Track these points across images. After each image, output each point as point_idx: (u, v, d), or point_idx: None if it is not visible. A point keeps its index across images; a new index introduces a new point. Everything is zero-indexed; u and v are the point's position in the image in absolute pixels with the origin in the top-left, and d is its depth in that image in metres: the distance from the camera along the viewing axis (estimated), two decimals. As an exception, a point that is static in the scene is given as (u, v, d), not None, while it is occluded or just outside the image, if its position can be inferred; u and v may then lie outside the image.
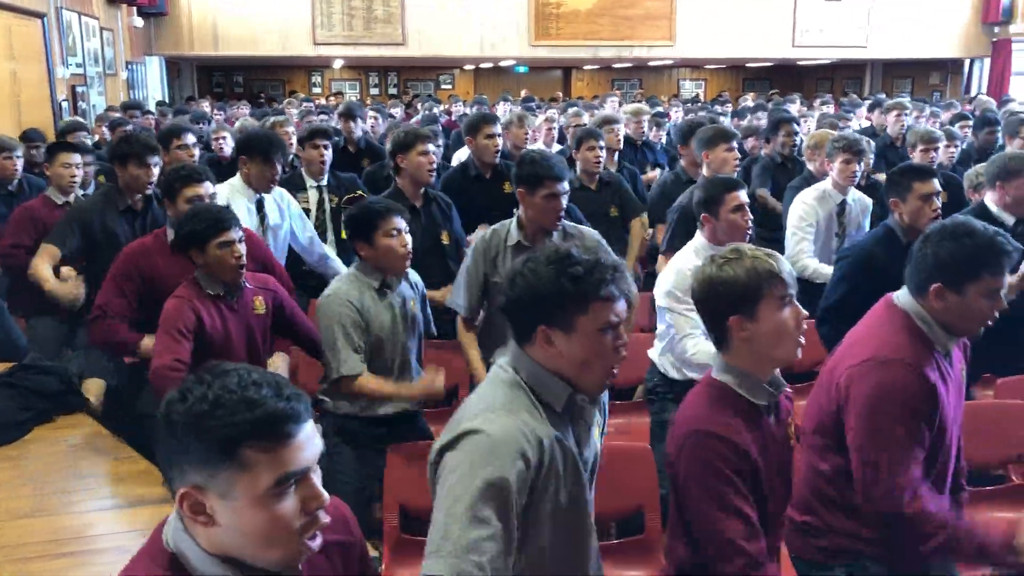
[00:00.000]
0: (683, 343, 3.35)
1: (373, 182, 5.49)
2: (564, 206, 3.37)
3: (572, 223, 3.60)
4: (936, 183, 3.67)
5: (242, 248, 3.07)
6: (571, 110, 8.57)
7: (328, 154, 5.13)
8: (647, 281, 4.96)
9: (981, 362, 3.85)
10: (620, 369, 1.95)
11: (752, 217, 3.46)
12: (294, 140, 6.10)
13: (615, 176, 5.56)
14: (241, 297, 3.17)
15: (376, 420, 3.22)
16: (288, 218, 4.45)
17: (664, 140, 8.08)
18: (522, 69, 20.40)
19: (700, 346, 3.23)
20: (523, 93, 17.05)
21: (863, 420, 2.23)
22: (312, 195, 5.11)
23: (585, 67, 20.48)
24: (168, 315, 3.01)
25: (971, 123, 7.43)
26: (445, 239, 4.38)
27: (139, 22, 13.26)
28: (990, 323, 2.30)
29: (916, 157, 5.41)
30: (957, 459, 2.49)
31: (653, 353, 3.57)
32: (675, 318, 3.35)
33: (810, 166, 5.50)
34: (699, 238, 3.46)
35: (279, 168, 4.33)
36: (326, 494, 1.37)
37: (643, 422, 3.78)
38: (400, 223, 3.16)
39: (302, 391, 1.38)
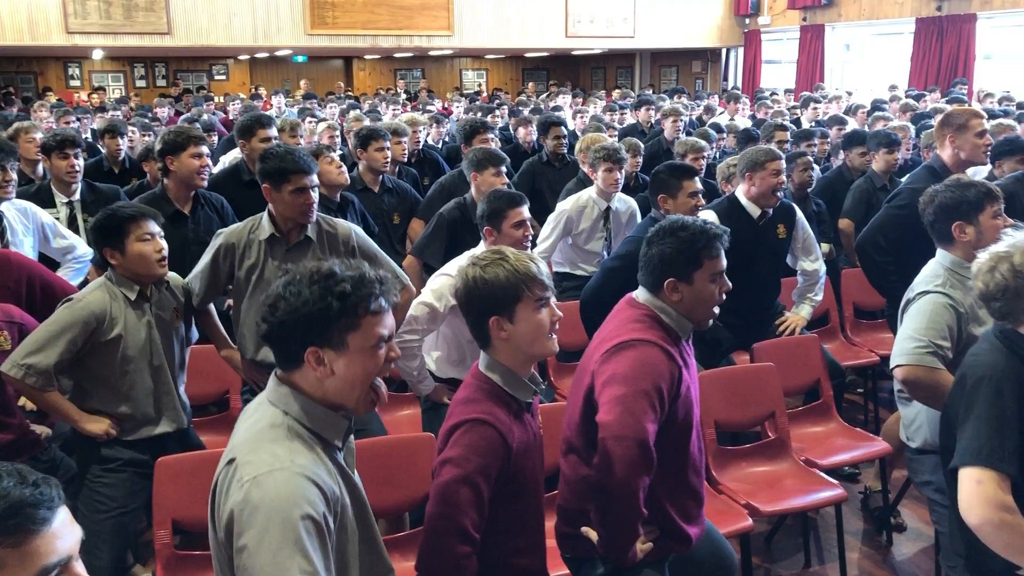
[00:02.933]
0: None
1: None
2: (314, 199, 3.26)
3: (325, 216, 3.49)
4: (698, 181, 3.94)
5: None
6: (352, 113, 8.48)
7: (79, 164, 4.67)
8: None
9: (739, 338, 4.22)
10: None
11: (532, 232, 3.56)
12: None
13: (403, 186, 5.51)
14: None
15: (142, 444, 3.02)
16: (34, 233, 4.05)
17: (447, 138, 8.11)
18: (301, 59, 19.85)
19: None
20: (302, 84, 16.65)
21: (614, 390, 2.32)
22: (62, 211, 4.63)
23: (366, 56, 20.23)
24: None
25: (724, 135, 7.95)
26: None
27: None
28: (717, 307, 2.49)
29: None
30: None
31: (424, 349, 3.58)
32: None
33: (584, 168, 5.71)
34: (481, 247, 3.51)
35: (12, 174, 3.95)
36: None
37: (417, 413, 3.81)
38: (153, 227, 2.98)
39: (50, 477, 1.26)
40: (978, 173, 4.76)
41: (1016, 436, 2.11)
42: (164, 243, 3.02)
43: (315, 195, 3.27)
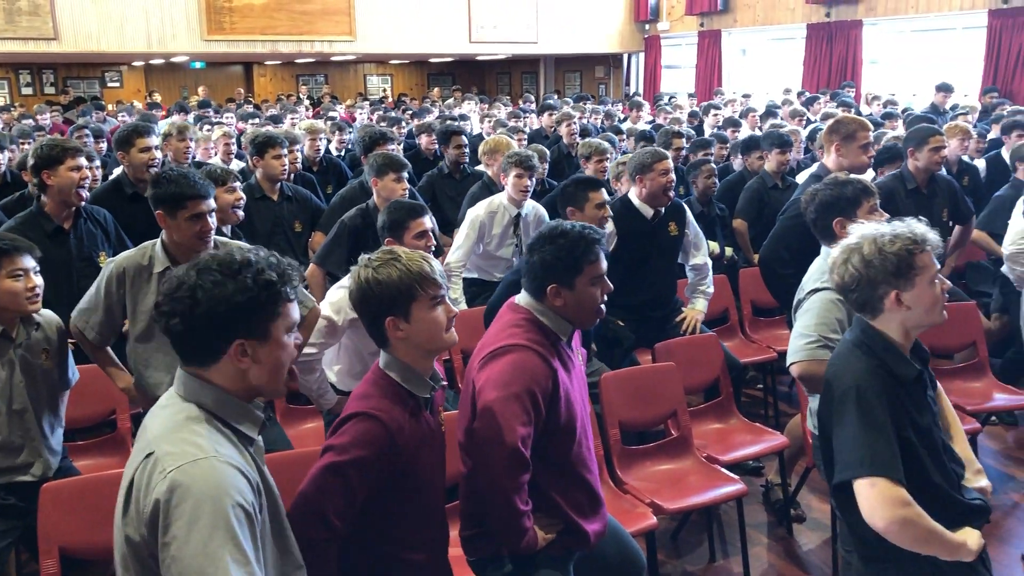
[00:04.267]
0: None
1: (12, 215, 4.84)
2: (212, 225, 3.14)
3: (221, 237, 3.38)
4: (604, 192, 3.98)
5: None
6: (250, 129, 8.30)
7: None
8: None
9: (641, 336, 4.29)
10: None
11: (435, 243, 3.53)
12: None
13: (304, 193, 5.41)
14: None
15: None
16: None
17: (349, 146, 8.00)
18: (199, 65, 19.33)
19: None
20: (200, 91, 16.22)
21: (486, 395, 2.34)
22: None
23: (267, 62, 19.84)
24: None
25: (624, 135, 8.14)
26: (103, 260, 3.90)
27: None
28: (602, 309, 2.53)
29: (590, 168, 5.81)
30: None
31: (325, 363, 3.52)
32: None
33: (488, 171, 5.71)
34: None
35: None
36: None
37: (321, 426, 3.75)
38: (27, 262, 2.83)
39: None
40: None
41: (893, 440, 2.17)
42: (38, 279, 2.86)
43: (213, 221, 3.14)
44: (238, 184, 4.19)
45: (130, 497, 1.70)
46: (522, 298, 2.55)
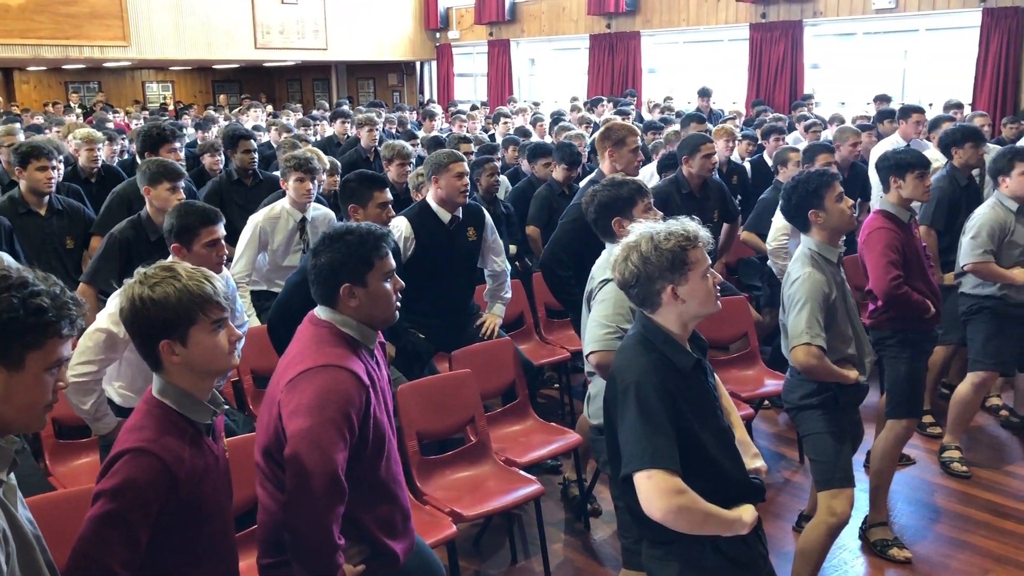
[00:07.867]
0: None
1: None
2: None
3: None
4: (389, 192, 3.93)
5: None
6: (2, 128, 7.62)
7: None
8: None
9: (439, 342, 4.30)
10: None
11: (227, 253, 3.36)
12: None
13: (75, 206, 5.03)
14: None
15: None
16: None
17: (125, 156, 7.52)
18: (-51, 70, 17.56)
19: None
20: (-49, 98, 14.73)
21: (299, 422, 2.23)
22: None
23: (29, 68, 18.30)
24: None
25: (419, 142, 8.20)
26: None
27: None
28: (399, 303, 2.49)
29: (392, 171, 5.75)
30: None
31: (104, 380, 3.28)
32: None
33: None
34: None
35: None
36: None
37: (96, 461, 3.51)
38: None
39: None
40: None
41: (670, 432, 2.26)
42: None
43: None
44: None
45: None
46: (320, 311, 2.46)
